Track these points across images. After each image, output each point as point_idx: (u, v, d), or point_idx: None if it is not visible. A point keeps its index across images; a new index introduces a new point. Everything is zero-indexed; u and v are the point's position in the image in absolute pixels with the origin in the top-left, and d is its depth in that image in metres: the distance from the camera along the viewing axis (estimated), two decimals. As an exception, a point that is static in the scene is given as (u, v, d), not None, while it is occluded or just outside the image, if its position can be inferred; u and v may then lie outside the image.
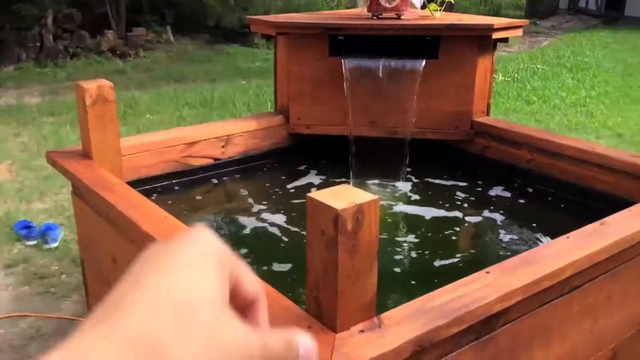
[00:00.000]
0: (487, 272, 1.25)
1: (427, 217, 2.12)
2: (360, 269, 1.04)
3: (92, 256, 1.94)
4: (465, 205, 2.18)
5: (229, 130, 2.32)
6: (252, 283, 0.39)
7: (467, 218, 2.10)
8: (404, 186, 2.34)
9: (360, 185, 2.34)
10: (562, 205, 2.11)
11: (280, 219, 2.07)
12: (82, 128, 1.90)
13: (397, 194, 2.29)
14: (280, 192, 2.26)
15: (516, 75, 7.61)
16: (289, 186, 2.31)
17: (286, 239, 1.95)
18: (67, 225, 3.26)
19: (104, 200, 1.61)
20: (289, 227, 2.02)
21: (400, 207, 2.20)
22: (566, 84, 7.14)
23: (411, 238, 1.99)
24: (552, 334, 1.41)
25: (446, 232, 2.02)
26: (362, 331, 1.05)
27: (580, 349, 1.52)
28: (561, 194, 2.15)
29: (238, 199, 2.22)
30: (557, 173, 2.17)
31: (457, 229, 2.06)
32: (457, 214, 2.12)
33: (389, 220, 2.12)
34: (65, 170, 1.81)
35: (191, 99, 6.14)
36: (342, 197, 1.02)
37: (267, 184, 2.33)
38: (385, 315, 1.09)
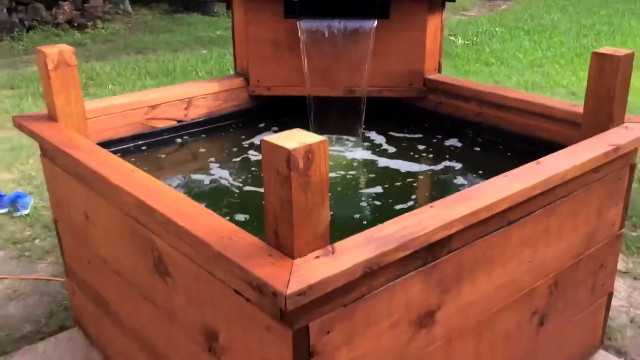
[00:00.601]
0: (431, 207, 1.38)
1: (387, 167, 2.25)
2: (313, 203, 1.15)
3: (65, 214, 2.01)
4: (423, 155, 2.32)
5: (190, 92, 2.40)
6: None
7: (424, 167, 2.24)
8: (362, 141, 2.46)
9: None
10: (509, 154, 2.26)
11: (240, 175, 2.17)
12: (46, 93, 1.96)
13: (356, 148, 2.41)
14: (241, 151, 2.36)
15: (475, 39, 7.76)
16: (250, 145, 2.40)
17: (246, 193, 2.06)
18: (37, 194, 3.31)
19: (72, 158, 1.68)
20: (248, 182, 2.13)
21: (361, 159, 2.32)
22: (523, 46, 7.32)
23: (371, 185, 2.12)
24: (493, 262, 1.55)
25: (406, 180, 2.16)
26: (317, 257, 1.16)
27: (522, 277, 1.67)
28: (508, 143, 2.29)
29: (201, 157, 2.31)
30: (503, 124, 2.31)
31: (416, 176, 2.19)
32: (415, 163, 2.26)
33: (350, 171, 2.24)
34: (33, 133, 1.88)
35: (153, 69, 6.13)
36: (294, 138, 1.12)
37: (228, 144, 2.42)
38: (338, 244, 1.21)
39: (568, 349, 2.02)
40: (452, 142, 2.39)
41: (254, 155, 2.32)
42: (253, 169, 2.21)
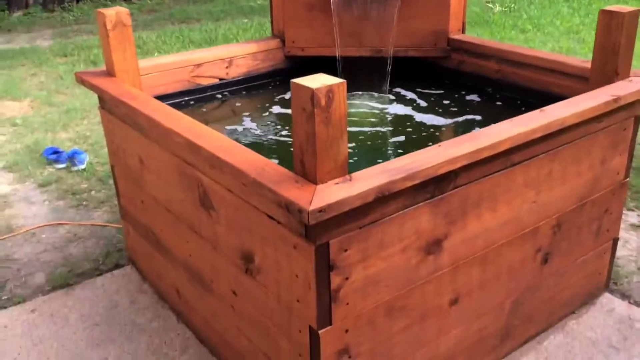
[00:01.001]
0: (439, 146, 1.57)
1: (411, 119, 2.44)
2: (333, 137, 1.36)
3: (121, 161, 2.28)
4: (445, 110, 2.49)
5: (231, 52, 2.62)
6: None
7: (447, 120, 2.41)
8: (389, 97, 2.65)
9: (351, 97, 2.66)
10: (523, 108, 2.41)
11: (272, 127, 2.39)
12: (104, 51, 2.20)
13: (384, 103, 2.60)
14: (275, 106, 2.58)
15: (513, 6, 7.74)
16: (281, 100, 2.62)
17: (278, 142, 2.28)
18: (91, 151, 3.62)
19: (130, 107, 1.93)
20: (280, 134, 2.34)
21: (388, 113, 2.52)
22: (561, 13, 7.28)
23: (396, 135, 2.32)
24: (498, 200, 1.74)
25: (429, 130, 2.34)
26: (336, 183, 1.38)
27: (526, 215, 1.85)
28: (526, 99, 2.44)
29: (239, 111, 2.54)
30: (522, 81, 2.45)
31: (437, 128, 2.37)
32: (437, 116, 2.43)
33: (377, 123, 2.43)
34: (94, 86, 2.13)
35: (196, 37, 6.38)
36: (317, 80, 1.33)
37: (264, 100, 2.64)
38: (354, 174, 1.42)
39: (572, 289, 2.19)
40: (473, 97, 2.55)
41: (286, 110, 2.53)
42: (284, 122, 2.43)
